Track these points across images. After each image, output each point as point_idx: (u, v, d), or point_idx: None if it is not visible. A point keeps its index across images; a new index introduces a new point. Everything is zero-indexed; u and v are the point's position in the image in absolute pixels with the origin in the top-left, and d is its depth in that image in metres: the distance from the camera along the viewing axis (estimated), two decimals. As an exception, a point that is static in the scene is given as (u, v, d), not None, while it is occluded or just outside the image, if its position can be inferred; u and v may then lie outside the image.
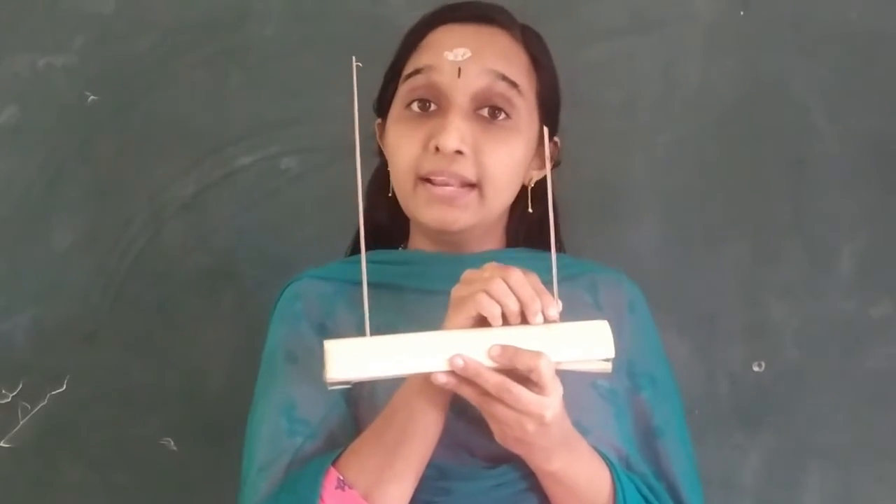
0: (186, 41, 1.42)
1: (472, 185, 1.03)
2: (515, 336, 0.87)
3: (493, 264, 0.90)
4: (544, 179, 1.12)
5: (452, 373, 0.86)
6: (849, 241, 1.39)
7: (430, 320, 0.89)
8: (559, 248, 1.18)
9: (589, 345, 0.90)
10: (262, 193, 1.41)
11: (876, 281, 1.39)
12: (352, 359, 0.86)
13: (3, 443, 1.38)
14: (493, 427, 0.90)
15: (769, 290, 1.39)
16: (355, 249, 1.18)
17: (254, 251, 1.40)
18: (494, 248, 1.11)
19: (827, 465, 1.38)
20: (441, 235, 1.06)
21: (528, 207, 1.09)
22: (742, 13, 1.41)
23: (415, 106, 1.04)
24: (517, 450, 0.92)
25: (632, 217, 1.40)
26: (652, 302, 1.12)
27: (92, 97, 1.41)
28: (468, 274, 0.91)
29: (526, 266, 0.89)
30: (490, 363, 0.86)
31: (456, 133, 1.00)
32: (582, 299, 1.07)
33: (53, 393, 1.38)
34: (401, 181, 1.05)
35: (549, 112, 1.10)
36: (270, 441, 1.00)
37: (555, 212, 1.16)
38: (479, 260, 1.04)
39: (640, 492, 0.99)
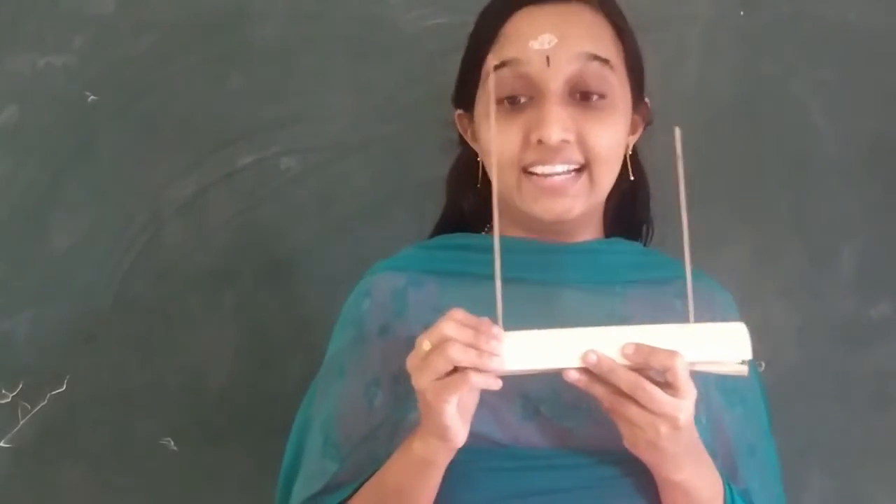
0: (186, 41, 1.41)
1: (578, 170, 1.00)
2: (650, 335, 0.85)
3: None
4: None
5: (584, 370, 0.84)
6: (849, 241, 1.39)
7: (543, 312, 0.87)
8: (648, 229, 1.16)
9: (725, 346, 0.87)
10: (262, 193, 1.41)
11: (876, 281, 1.39)
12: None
13: (3, 443, 1.38)
14: (625, 431, 0.87)
15: (769, 290, 1.39)
16: (440, 231, 1.15)
17: (254, 251, 1.40)
18: (594, 234, 1.08)
19: (827, 465, 1.38)
20: (552, 226, 1.03)
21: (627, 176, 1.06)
22: (742, 13, 1.41)
23: (505, 102, 1.00)
24: (647, 456, 0.89)
25: (631, 217, 1.40)
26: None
27: (92, 97, 1.41)
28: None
29: (622, 259, 0.86)
30: (623, 361, 0.84)
31: (558, 123, 0.97)
32: (672, 306, 1.02)
33: (53, 393, 1.38)
34: (504, 176, 0.99)
35: (638, 76, 1.07)
36: (310, 458, 1.02)
37: (645, 183, 1.15)
38: (580, 250, 1.04)
39: None
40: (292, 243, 1.40)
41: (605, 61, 1.01)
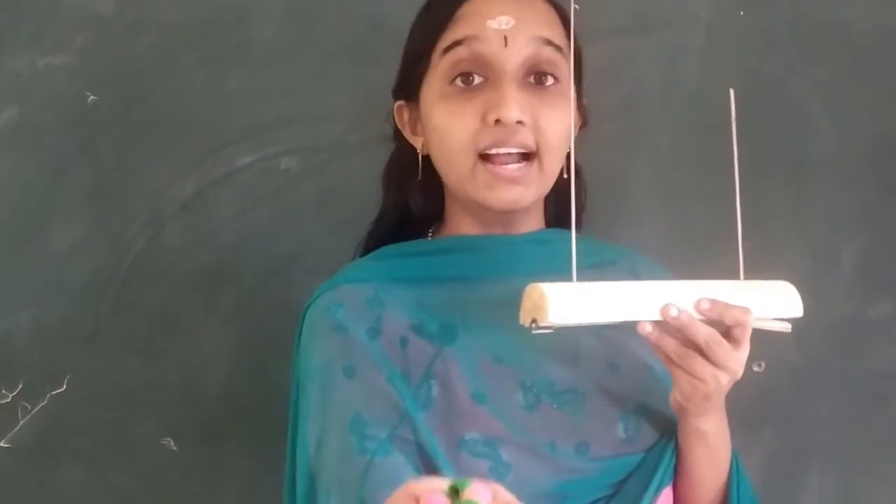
0: (186, 41, 1.41)
1: (529, 158, 1.01)
2: (711, 291, 0.88)
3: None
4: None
5: (655, 324, 0.86)
6: (849, 241, 1.39)
7: (494, 309, 0.89)
8: (579, 223, 1.15)
9: (780, 303, 0.91)
10: (262, 193, 1.41)
11: (876, 281, 1.39)
12: (566, 303, 0.83)
13: (3, 443, 1.38)
14: (683, 385, 0.90)
15: (769, 290, 1.39)
16: (373, 243, 1.15)
17: (254, 251, 1.40)
18: (536, 224, 1.10)
19: (827, 465, 1.38)
20: (502, 216, 1.05)
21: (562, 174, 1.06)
22: (742, 13, 1.41)
23: (458, 81, 1.02)
24: (697, 408, 0.93)
25: (632, 217, 1.40)
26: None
27: (92, 97, 1.41)
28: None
29: (565, 247, 0.87)
30: (696, 316, 0.86)
31: (515, 103, 0.99)
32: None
33: (53, 393, 1.38)
34: (457, 162, 1.02)
35: (580, 75, 1.09)
36: (342, 461, 0.95)
37: (583, 181, 1.16)
38: (528, 241, 1.06)
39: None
40: (292, 243, 1.40)
41: (559, 48, 1.03)
